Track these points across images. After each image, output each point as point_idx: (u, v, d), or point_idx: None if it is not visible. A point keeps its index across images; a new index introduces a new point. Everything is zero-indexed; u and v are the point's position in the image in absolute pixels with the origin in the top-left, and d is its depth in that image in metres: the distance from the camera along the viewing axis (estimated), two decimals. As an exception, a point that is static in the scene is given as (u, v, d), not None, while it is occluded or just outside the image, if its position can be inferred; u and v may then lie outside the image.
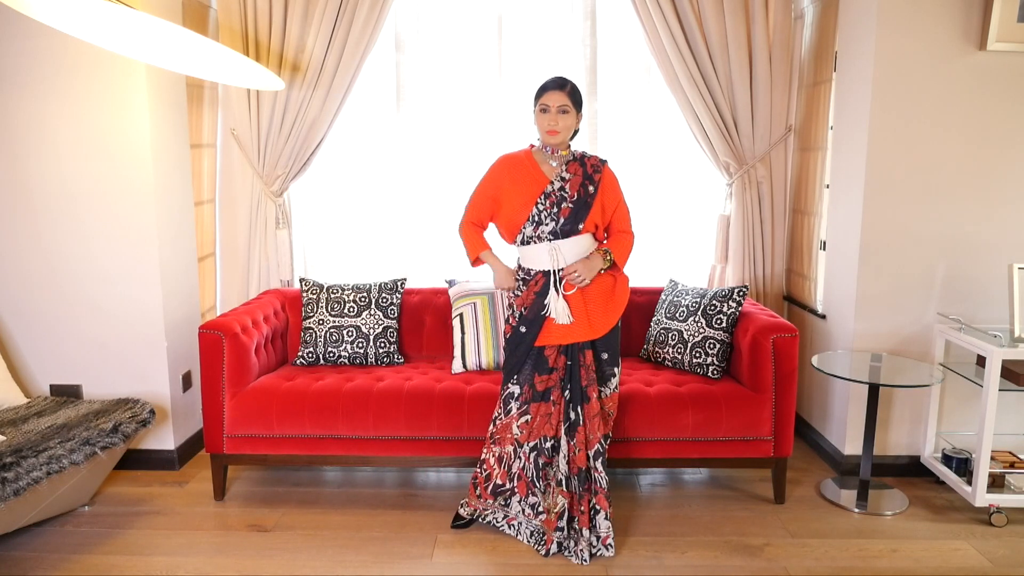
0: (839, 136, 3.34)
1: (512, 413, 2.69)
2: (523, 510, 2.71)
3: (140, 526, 2.87)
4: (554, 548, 2.63)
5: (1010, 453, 3.06)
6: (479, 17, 3.73)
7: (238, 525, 2.88)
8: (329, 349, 3.30)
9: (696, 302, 3.21)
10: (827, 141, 3.46)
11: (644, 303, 3.54)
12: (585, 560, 2.59)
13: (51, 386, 3.27)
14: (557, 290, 2.60)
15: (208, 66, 3.03)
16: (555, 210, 2.60)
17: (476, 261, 2.74)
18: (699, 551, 2.69)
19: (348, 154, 3.87)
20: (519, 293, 2.68)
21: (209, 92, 3.64)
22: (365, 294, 3.38)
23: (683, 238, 3.93)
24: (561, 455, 2.63)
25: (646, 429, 2.90)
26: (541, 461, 2.66)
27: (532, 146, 2.72)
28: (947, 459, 3.08)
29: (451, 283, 3.47)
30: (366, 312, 3.34)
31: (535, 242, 2.63)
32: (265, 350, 3.26)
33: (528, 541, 2.69)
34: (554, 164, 2.66)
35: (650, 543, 2.74)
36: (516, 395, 2.68)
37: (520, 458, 2.68)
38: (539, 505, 2.67)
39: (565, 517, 2.62)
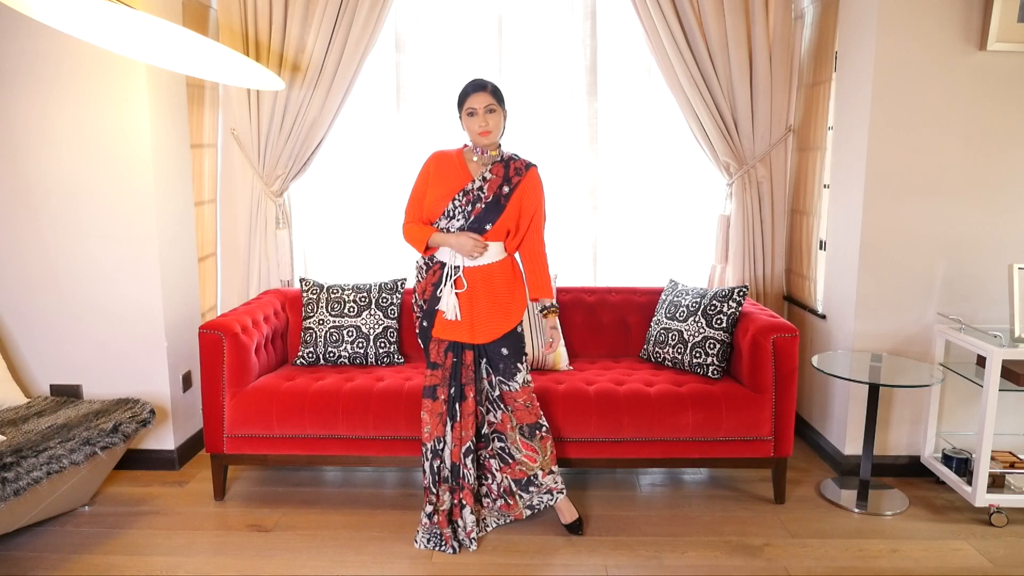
0: (839, 136, 3.34)
1: None
2: (420, 519, 2.74)
3: (140, 526, 2.87)
4: (455, 545, 2.67)
5: (1010, 453, 3.06)
6: (479, 17, 3.73)
7: (238, 525, 2.88)
8: (329, 349, 3.30)
9: (696, 302, 3.21)
10: (827, 141, 3.47)
11: (644, 303, 3.54)
12: (472, 546, 2.67)
13: (51, 386, 3.28)
14: (450, 284, 2.65)
15: (208, 66, 3.03)
16: (468, 208, 2.64)
17: (427, 249, 2.71)
18: (699, 551, 2.69)
19: (348, 154, 3.87)
20: (420, 279, 2.76)
21: (210, 92, 3.64)
22: (365, 294, 3.38)
23: (683, 238, 3.93)
24: (447, 452, 2.70)
25: (646, 429, 2.90)
26: (436, 464, 2.72)
27: (465, 146, 2.76)
28: (947, 459, 3.08)
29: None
30: (366, 312, 3.34)
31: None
32: (265, 350, 3.26)
33: (426, 546, 2.69)
34: (480, 164, 2.70)
35: (650, 543, 2.74)
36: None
37: (427, 459, 2.74)
38: (431, 511, 2.72)
39: (448, 513, 2.71)
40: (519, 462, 2.74)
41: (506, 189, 2.65)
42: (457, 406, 2.70)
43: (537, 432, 2.73)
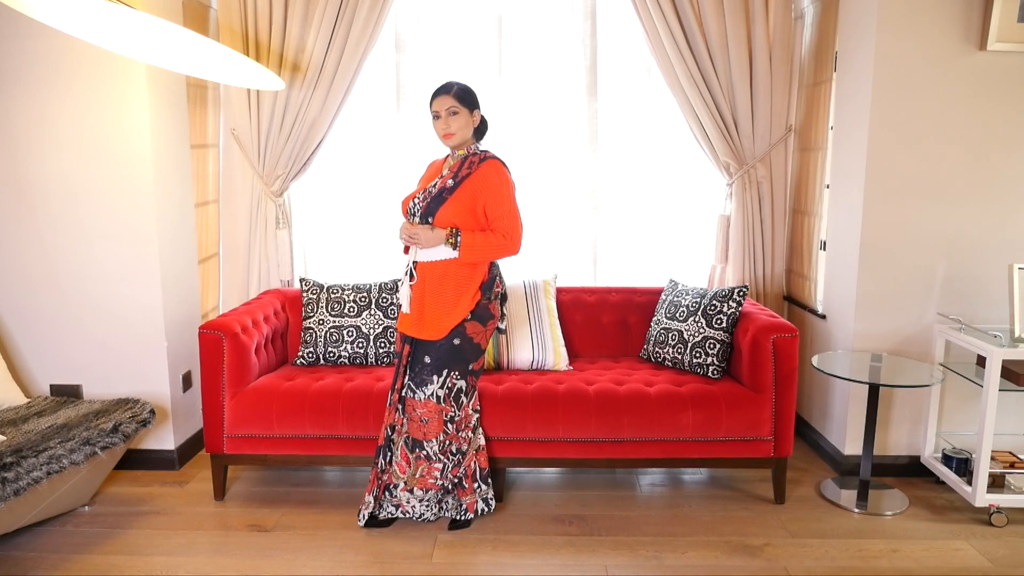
0: (839, 136, 3.34)
1: None
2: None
3: (140, 526, 2.87)
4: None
5: (1010, 453, 3.06)
6: (479, 17, 3.73)
7: (238, 525, 2.88)
8: (329, 349, 3.30)
9: (696, 302, 3.21)
10: (827, 141, 3.47)
11: (644, 303, 3.54)
12: (361, 521, 2.81)
13: (51, 386, 3.28)
14: (405, 276, 2.75)
15: (208, 66, 3.03)
16: (423, 204, 2.71)
17: (406, 248, 2.83)
18: (699, 551, 2.69)
19: (348, 154, 3.87)
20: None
21: (212, 92, 3.64)
22: (365, 294, 3.38)
23: (683, 238, 3.93)
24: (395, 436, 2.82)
25: (646, 429, 2.90)
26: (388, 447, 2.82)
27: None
28: (947, 459, 3.08)
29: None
30: (366, 312, 3.34)
31: None
32: (265, 350, 3.26)
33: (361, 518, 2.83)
34: (452, 163, 2.78)
35: (650, 543, 2.74)
36: None
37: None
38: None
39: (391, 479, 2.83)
40: (392, 466, 2.80)
41: (451, 183, 2.70)
42: (392, 394, 2.80)
43: (418, 450, 2.76)
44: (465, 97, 2.69)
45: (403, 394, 2.78)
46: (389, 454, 2.81)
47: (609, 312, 3.56)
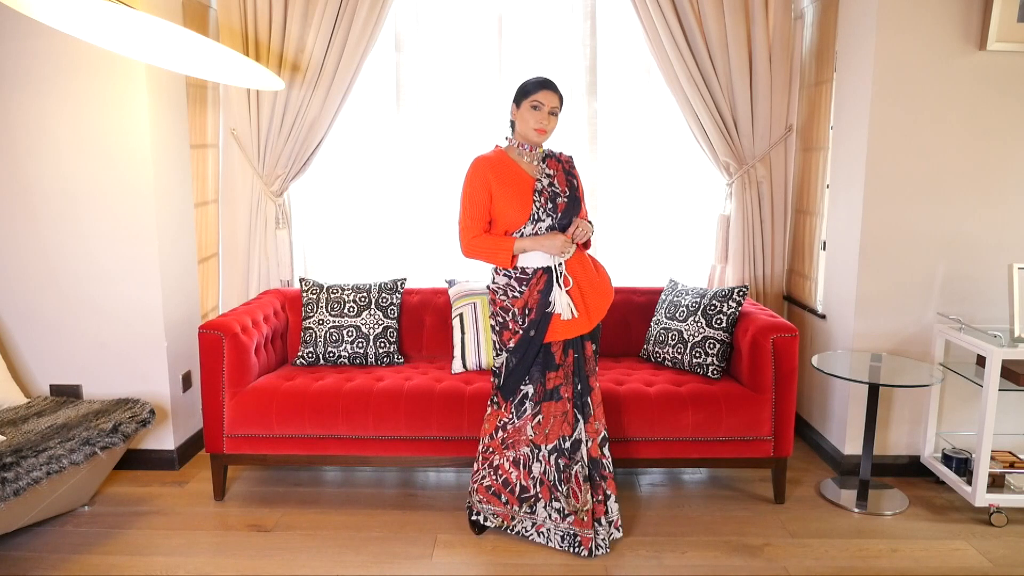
0: (839, 136, 3.34)
1: (527, 414, 2.65)
2: (549, 515, 2.67)
3: (140, 526, 2.87)
4: (593, 547, 2.62)
5: (1010, 453, 3.06)
6: (479, 17, 3.73)
7: (238, 525, 2.88)
8: (329, 349, 3.30)
9: (696, 302, 3.21)
10: (828, 141, 3.47)
11: (644, 303, 3.54)
12: (607, 549, 2.64)
13: (51, 386, 3.28)
14: (560, 285, 2.59)
15: (208, 66, 3.03)
16: (550, 205, 2.61)
17: (513, 258, 2.60)
18: (699, 551, 2.69)
19: (348, 154, 3.87)
20: (517, 294, 2.63)
21: (212, 92, 3.64)
22: (365, 294, 3.38)
23: (683, 238, 3.93)
24: (583, 450, 2.63)
25: (646, 429, 2.90)
26: (562, 463, 2.63)
27: (498, 147, 2.72)
28: (947, 459, 3.08)
29: (451, 283, 3.47)
30: (366, 312, 3.34)
31: None
32: (265, 350, 3.26)
33: (560, 546, 2.66)
34: (531, 161, 2.68)
35: (650, 543, 2.74)
36: (530, 395, 2.64)
37: (540, 461, 2.65)
38: (564, 508, 2.65)
39: (592, 513, 2.64)
40: (606, 480, 2.67)
41: (575, 182, 2.70)
42: (589, 399, 2.64)
43: (607, 440, 2.71)
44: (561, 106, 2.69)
45: (586, 398, 2.64)
46: (600, 468, 2.66)
47: (609, 312, 3.55)
